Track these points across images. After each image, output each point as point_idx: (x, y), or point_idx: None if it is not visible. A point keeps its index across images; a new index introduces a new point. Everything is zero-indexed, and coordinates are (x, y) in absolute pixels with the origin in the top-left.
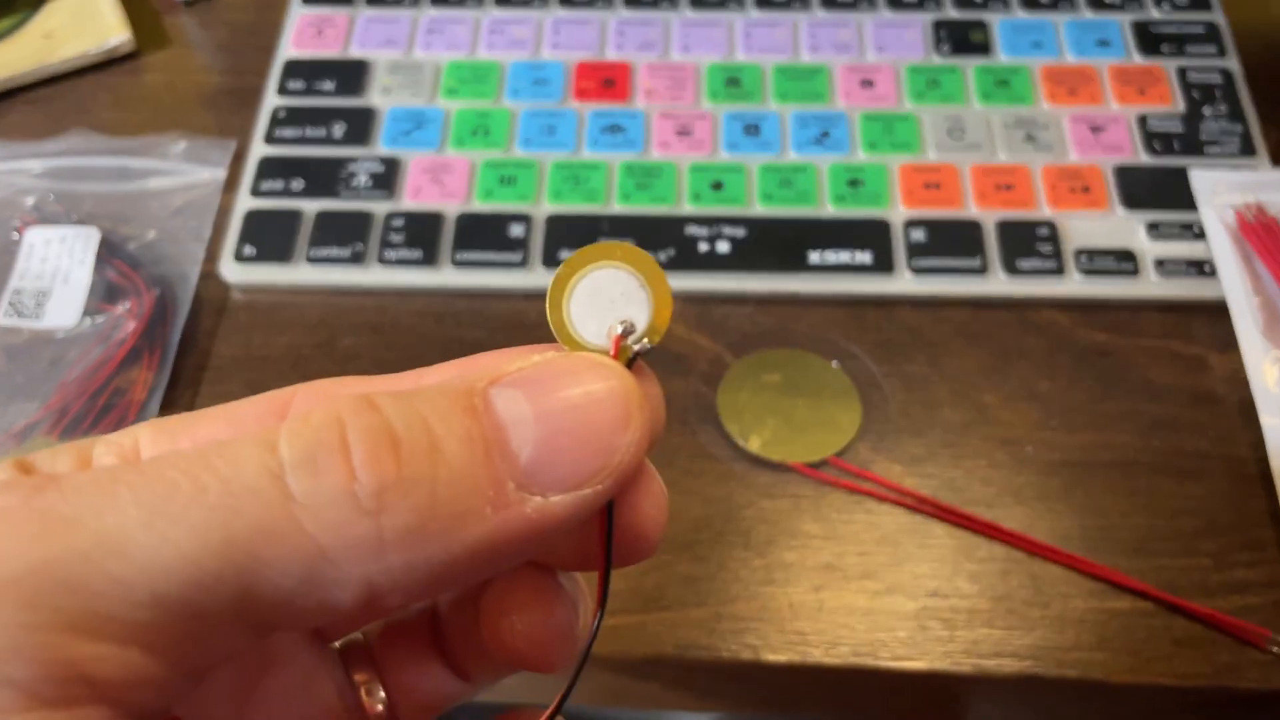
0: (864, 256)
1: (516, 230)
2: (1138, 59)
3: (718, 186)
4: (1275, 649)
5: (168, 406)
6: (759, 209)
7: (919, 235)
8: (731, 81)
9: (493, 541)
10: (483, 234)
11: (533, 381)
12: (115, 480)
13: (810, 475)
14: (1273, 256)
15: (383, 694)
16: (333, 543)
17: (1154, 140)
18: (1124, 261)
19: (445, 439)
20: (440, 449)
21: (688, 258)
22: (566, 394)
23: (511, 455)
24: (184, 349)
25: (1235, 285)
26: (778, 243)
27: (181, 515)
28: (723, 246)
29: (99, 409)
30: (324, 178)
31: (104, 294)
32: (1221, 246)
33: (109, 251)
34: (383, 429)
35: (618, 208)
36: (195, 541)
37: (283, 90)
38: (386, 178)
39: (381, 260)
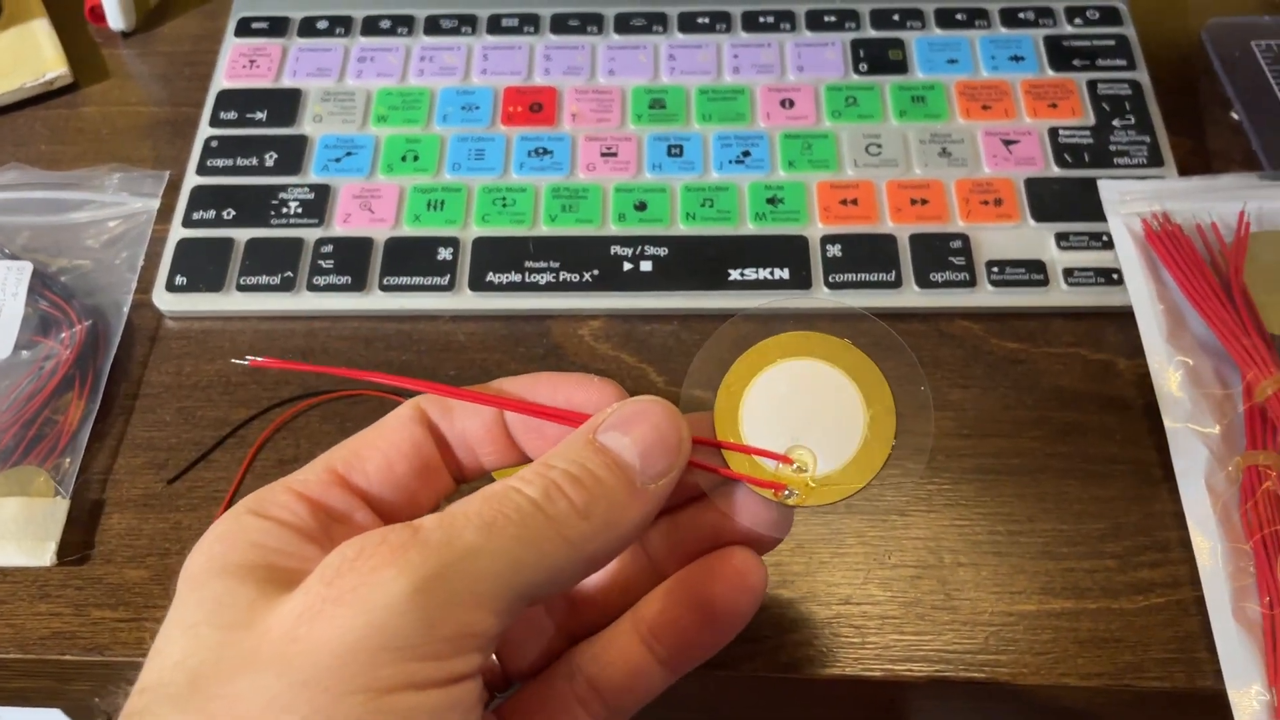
0: (782, 273)
1: (444, 254)
2: (1050, 73)
3: (641, 207)
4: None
5: (99, 435)
6: (681, 228)
7: (835, 251)
8: (656, 104)
9: (645, 515)
10: (411, 258)
11: (623, 422)
12: (463, 529)
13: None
14: (1177, 264)
15: None
16: (574, 538)
17: (1064, 152)
18: (1034, 272)
19: (602, 475)
20: (602, 481)
21: (611, 277)
22: (644, 426)
23: (630, 467)
24: (116, 377)
25: (1141, 293)
26: (699, 261)
27: (502, 539)
28: (646, 266)
29: (30, 438)
30: (255, 206)
31: (37, 326)
32: (1128, 255)
33: (42, 284)
34: (571, 476)
35: (544, 229)
36: (514, 551)
37: (215, 121)
38: (317, 205)
39: (311, 286)
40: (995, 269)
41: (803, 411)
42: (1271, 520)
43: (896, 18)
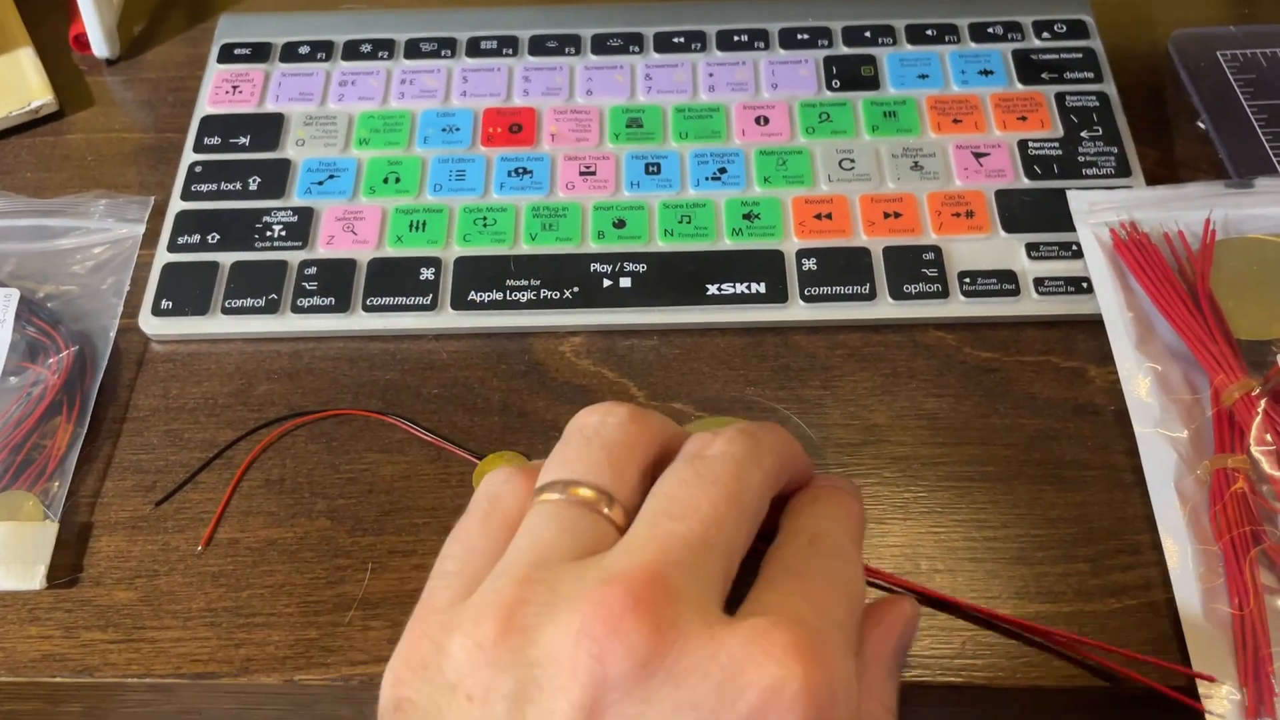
0: (759, 287)
1: (426, 274)
2: (1019, 87)
3: (620, 224)
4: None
5: (87, 459)
6: (659, 244)
7: (810, 264)
8: (633, 123)
9: None
10: (393, 279)
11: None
12: None
13: None
14: (1145, 272)
15: None
16: None
17: (1034, 164)
18: (1005, 282)
19: None
20: None
21: (591, 294)
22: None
23: None
24: (103, 402)
25: (1110, 301)
26: (677, 276)
27: None
28: (625, 282)
29: (19, 463)
30: (240, 230)
31: (25, 352)
32: (1097, 264)
33: (29, 310)
34: None
35: (524, 248)
36: None
37: (199, 146)
38: (300, 228)
39: (295, 308)
40: (967, 280)
41: None
42: (1240, 522)
43: (868, 35)
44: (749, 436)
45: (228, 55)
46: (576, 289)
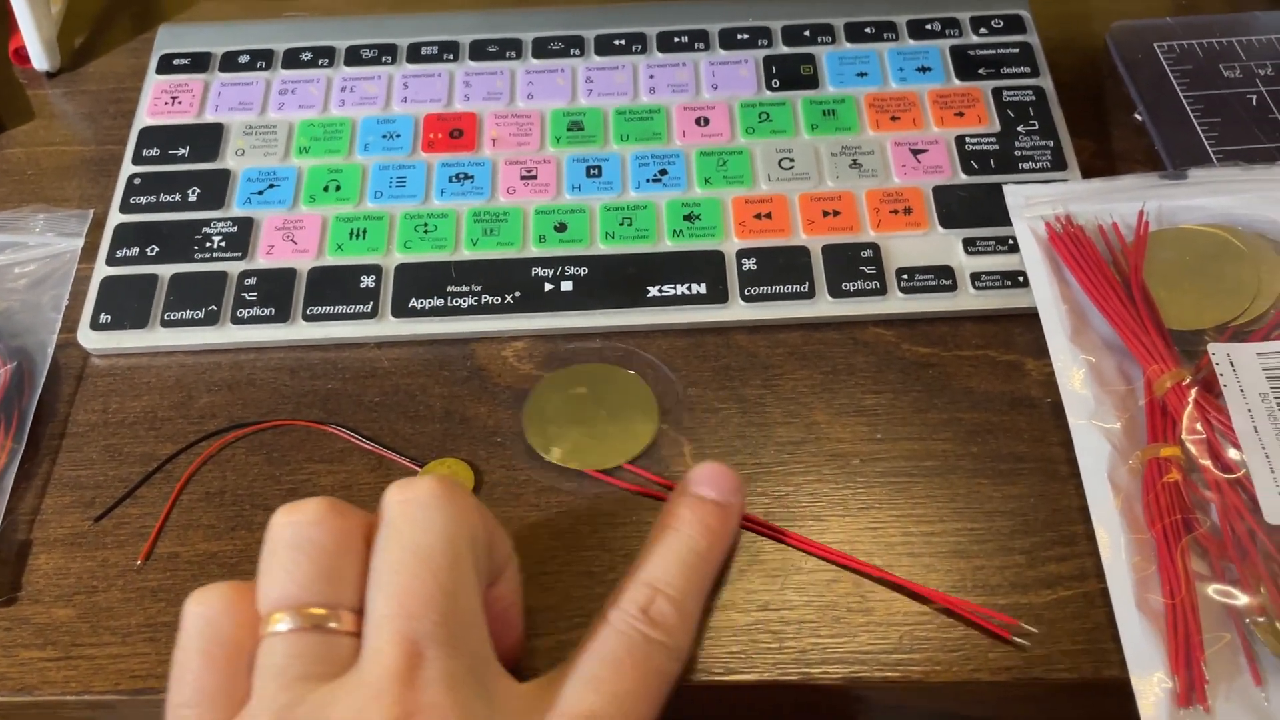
0: (700, 288)
1: (367, 281)
2: (956, 83)
3: (561, 228)
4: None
5: (25, 476)
6: (601, 248)
7: (750, 264)
8: (574, 126)
9: None
10: (334, 287)
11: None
12: None
13: (610, 483)
14: (1079, 264)
15: None
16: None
17: (971, 160)
18: (943, 277)
19: None
20: None
21: (533, 298)
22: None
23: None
24: (42, 417)
25: (1045, 294)
26: (619, 279)
27: None
28: (566, 286)
29: None
30: (179, 242)
31: None
32: (1033, 258)
33: None
34: None
35: (466, 253)
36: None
37: (138, 158)
38: (240, 238)
39: (235, 319)
40: (905, 276)
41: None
42: (1172, 510)
43: (807, 33)
44: (441, 485)
45: (167, 66)
46: (518, 294)
